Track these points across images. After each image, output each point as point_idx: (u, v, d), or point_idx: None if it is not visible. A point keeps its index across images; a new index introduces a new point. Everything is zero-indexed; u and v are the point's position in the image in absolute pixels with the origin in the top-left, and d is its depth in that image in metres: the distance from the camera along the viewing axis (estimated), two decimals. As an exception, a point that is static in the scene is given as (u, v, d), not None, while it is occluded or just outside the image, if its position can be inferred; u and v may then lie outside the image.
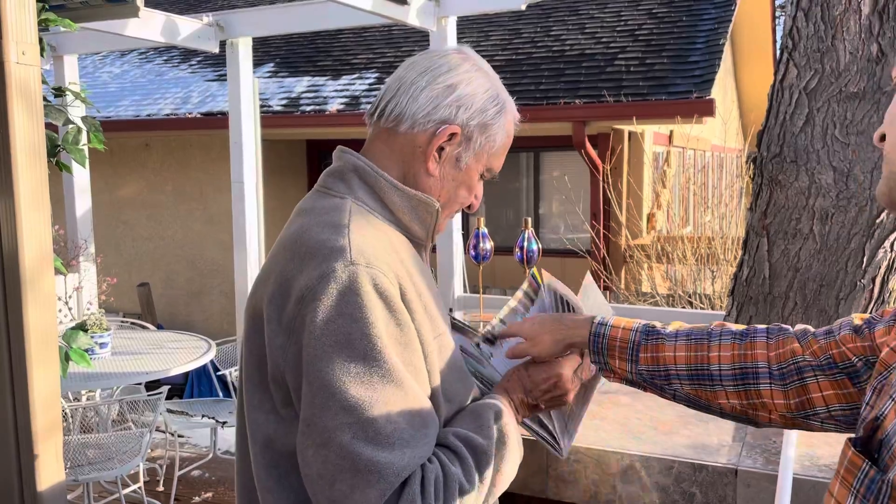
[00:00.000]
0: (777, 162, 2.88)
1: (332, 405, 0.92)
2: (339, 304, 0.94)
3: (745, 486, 1.26)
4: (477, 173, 1.13)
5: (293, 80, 8.07)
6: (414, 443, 0.94)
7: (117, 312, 6.88)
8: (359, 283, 0.95)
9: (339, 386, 0.92)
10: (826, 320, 2.82)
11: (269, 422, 1.01)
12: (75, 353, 1.97)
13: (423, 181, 1.10)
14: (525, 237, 3.91)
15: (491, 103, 1.11)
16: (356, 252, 0.97)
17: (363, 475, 0.90)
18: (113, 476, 3.34)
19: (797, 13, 2.86)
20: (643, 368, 1.08)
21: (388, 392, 0.93)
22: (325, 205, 1.07)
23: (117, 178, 8.53)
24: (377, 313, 0.95)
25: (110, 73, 9.32)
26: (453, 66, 1.10)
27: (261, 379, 1.02)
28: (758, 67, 9.89)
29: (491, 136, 1.12)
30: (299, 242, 1.02)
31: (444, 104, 1.08)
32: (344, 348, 0.93)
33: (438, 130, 1.08)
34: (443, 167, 1.11)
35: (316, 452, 0.93)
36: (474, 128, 1.10)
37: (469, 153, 1.11)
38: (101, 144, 2.28)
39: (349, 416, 0.91)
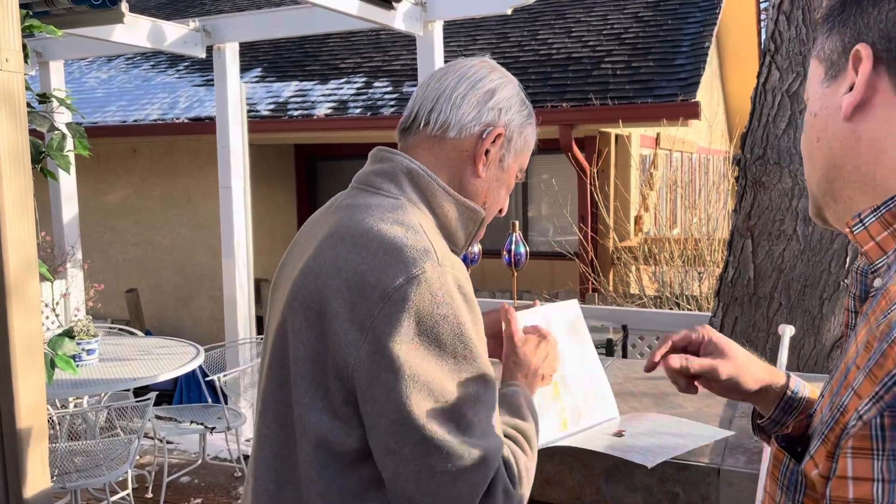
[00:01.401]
0: (760, 164, 2.91)
1: (429, 401, 0.95)
2: (431, 305, 0.97)
3: (727, 486, 1.27)
4: (514, 173, 1.19)
5: (281, 84, 8.07)
6: (495, 434, 1.00)
7: (105, 319, 6.84)
8: (448, 284, 0.99)
9: (434, 383, 0.96)
10: (810, 320, 2.85)
11: (323, 421, 0.99)
12: (61, 360, 1.96)
13: (470, 185, 1.14)
14: (513, 240, 3.92)
15: (523, 106, 1.18)
16: (441, 254, 1.01)
17: (464, 465, 0.95)
18: (101, 483, 3.33)
19: (779, 16, 2.89)
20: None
21: (475, 388, 0.98)
22: (384, 203, 1.07)
23: (104, 183, 8.49)
24: (463, 314, 0.99)
25: (97, 78, 9.28)
26: (486, 74, 1.16)
27: (314, 377, 1.00)
28: (743, 70, 9.97)
29: (526, 136, 1.18)
30: (368, 237, 1.00)
31: (487, 108, 1.13)
32: (437, 346, 0.97)
33: (485, 133, 1.12)
34: (489, 169, 1.15)
35: (414, 449, 0.95)
36: (514, 129, 1.16)
37: (511, 154, 1.16)
38: (87, 151, 2.27)
39: (446, 412, 0.96)
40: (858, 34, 0.68)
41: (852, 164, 0.69)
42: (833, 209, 0.73)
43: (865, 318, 0.63)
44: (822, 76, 0.72)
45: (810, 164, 0.75)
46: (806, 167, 0.77)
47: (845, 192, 0.71)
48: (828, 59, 0.72)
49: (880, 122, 0.66)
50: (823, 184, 0.73)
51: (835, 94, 0.70)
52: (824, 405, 0.63)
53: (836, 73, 0.70)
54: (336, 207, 1.11)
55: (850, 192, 0.70)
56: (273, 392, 1.05)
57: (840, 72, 0.70)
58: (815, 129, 0.73)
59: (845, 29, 0.69)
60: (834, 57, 0.71)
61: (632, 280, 6.42)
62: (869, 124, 0.67)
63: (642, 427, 1.39)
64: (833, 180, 0.72)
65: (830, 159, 0.71)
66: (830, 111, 0.70)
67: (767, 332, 2.88)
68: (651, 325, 4.21)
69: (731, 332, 2.97)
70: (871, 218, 0.66)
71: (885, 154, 0.66)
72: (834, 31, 0.71)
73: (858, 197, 0.69)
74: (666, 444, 1.30)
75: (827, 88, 0.71)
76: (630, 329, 3.99)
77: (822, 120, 0.72)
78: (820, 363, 2.85)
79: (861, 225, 0.67)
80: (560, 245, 6.80)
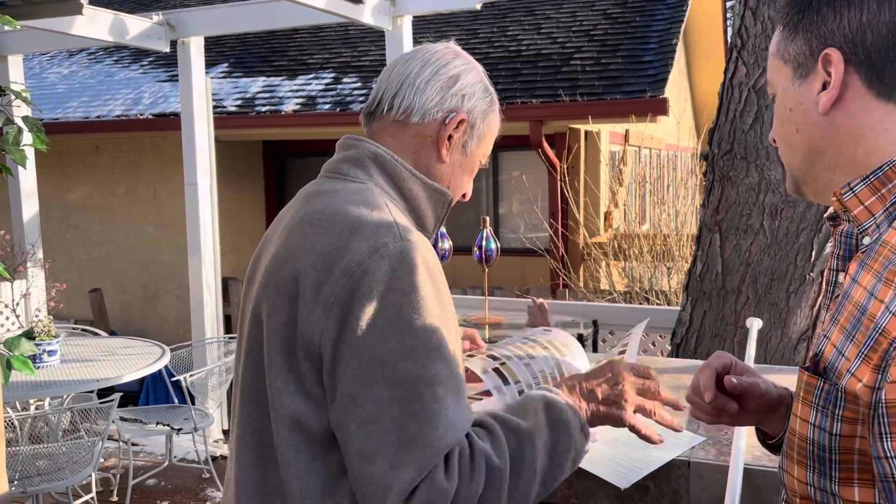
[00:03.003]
0: (728, 159, 2.94)
1: (382, 379, 0.92)
2: (392, 279, 0.95)
3: (697, 478, 1.27)
4: (478, 159, 1.19)
5: (248, 80, 7.97)
6: (455, 422, 0.93)
7: (68, 319, 6.69)
8: (411, 258, 0.96)
9: (390, 360, 0.92)
10: (777, 313, 2.88)
11: (298, 403, 0.99)
12: (17, 361, 1.90)
13: (434, 169, 1.14)
14: (483, 236, 3.91)
15: (486, 93, 1.18)
16: (403, 229, 1.00)
17: (405, 452, 0.90)
18: (64, 487, 3.25)
19: (745, 12, 2.91)
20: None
21: (437, 368, 0.93)
22: (350, 187, 1.08)
23: (66, 181, 8.31)
24: (427, 289, 0.96)
25: (58, 73, 9.08)
26: (450, 60, 1.16)
27: (286, 360, 0.99)
28: (710, 67, 10.09)
29: (490, 122, 1.18)
30: (335, 219, 1.01)
31: (450, 94, 1.13)
32: (396, 322, 0.94)
33: (448, 119, 1.13)
34: (452, 155, 1.15)
35: (360, 427, 0.92)
36: (478, 115, 1.16)
37: (474, 140, 1.17)
38: (44, 145, 2.21)
39: (399, 390, 0.92)
40: (824, 39, 0.80)
41: (833, 150, 0.81)
42: (812, 186, 0.86)
43: (865, 267, 0.75)
44: (790, 76, 0.84)
45: (789, 151, 0.86)
46: (784, 153, 0.88)
47: (826, 172, 0.83)
48: (794, 60, 0.83)
49: (855, 112, 0.79)
50: (804, 167, 0.85)
51: (808, 92, 0.82)
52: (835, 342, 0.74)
53: (805, 73, 0.82)
54: (305, 195, 1.12)
55: (831, 172, 0.82)
56: (251, 380, 1.05)
57: (809, 72, 0.82)
58: (792, 123, 0.84)
59: (810, 35, 0.81)
60: (801, 59, 0.82)
61: (602, 276, 6.46)
62: (845, 115, 0.79)
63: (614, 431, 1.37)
64: (814, 163, 0.84)
65: (811, 146, 0.83)
66: (807, 106, 0.82)
67: (735, 325, 2.91)
68: (621, 320, 4.23)
69: (700, 326, 3.00)
70: (860, 186, 0.78)
71: (865, 139, 0.79)
72: (797, 35, 0.82)
73: (837, 177, 0.82)
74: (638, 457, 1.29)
75: (799, 87, 0.83)
76: (600, 324, 4.01)
77: (799, 115, 0.83)
78: (787, 356, 2.88)
79: (850, 192, 0.79)
80: (531, 241, 6.82)
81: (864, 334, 0.70)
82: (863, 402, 0.69)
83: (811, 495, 0.76)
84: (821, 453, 0.73)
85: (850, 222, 0.82)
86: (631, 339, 1.31)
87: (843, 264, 0.83)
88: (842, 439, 0.71)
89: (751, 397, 1.00)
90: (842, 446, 0.71)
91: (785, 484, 0.81)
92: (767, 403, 1.01)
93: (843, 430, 0.71)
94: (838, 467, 0.72)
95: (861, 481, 0.71)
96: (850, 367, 0.71)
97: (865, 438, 0.69)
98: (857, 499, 0.71)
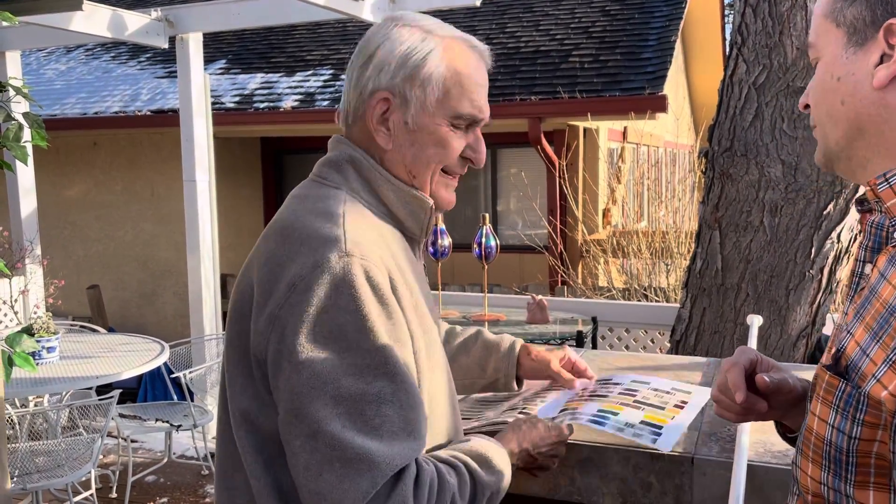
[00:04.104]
0: (728, 156, 2.94)
1: (323, 395, 0.90)
2: (333, 295, 0.92)
3: (701, 474, 1.27)
4: (441, 127, 1.06)
5: (246, 76, 7.95)
6: (405, 436, 0.92)
7: (66, 316, 6.68)
8: (353, 275, 0.93)
9: (330, 376, 0.90)
10: (777, 310, 2.88)
11: (254, 407, 0.99)
12: (19, 357, 1.90)
13: (387, 162, 1.07)
14: (483, 233, 3.91)
15: (413, 52, 1.05)
16: (351, 243, 0.96)
17: (353, 465, 0.89)
18: (63, 483, 3.25)
19: (745, 9, 2.91)
20: None
21: (379, 384, 0.91)
22: (320, 193, 1.05)
23: (64, 178, 8.29)
24: (370, 306, 0.93)
25: (56, 70, 9.05)
26: (374, 33, 1.07)
27: (242, 364, 1.00)
28: (708, 65, 10.09)
29: (427, 83, 1.04)
30: (291, 228, 1.00)
31: (367, 75, 1.05)
32: (337, 339, 0.92)
33: (369, 104, 1.05)
34: (395, 138, 1.06)
35: (304, 443, 0.91)
36: (402, 85, 1.04)
37: (413, 112, 1.05)
38: (44, 141, 2.20)
39: (340, 407, 0.90)
40: (891, 8, 0.73)
41: (878, 129, 0.76)
42: (845, 164, 0.81)
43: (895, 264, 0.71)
44: (843, 41, 0.78)
45: (829, 122, 0.81)
46: (822, 123, 0.82)
47: (863, 152, 0.78)
48: (850, 24, 0.76)
49: None
50: (843, 142, 0.80)
51: (863, 62, 0.76)
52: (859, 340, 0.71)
53: (861, 41, 0.76)
54: (288, 198, 1.12)
55: (869, 153, 0.78)
56: (222, 381, 1.08)
57: (867, 41, 0.75)
58: (838, 94, 0.78)
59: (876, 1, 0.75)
60: (859, 25, 0.76)
61: (600, 272, 6.46)
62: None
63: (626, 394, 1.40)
64: (854, 140, 0.79)
65: (856, 122, 0.77)
66: (859, 78, 0.76)
67: (735, 322, 2.91)
68: (620, 316, 4.24)
69: (700, 323, 3.00)
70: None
71: None
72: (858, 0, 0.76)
73: (876, 159, 0.77)
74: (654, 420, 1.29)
75: (853, 55, 0.77)
76: (599, 321, 4.01)
77: (848, 86, 0.77)
78: (786, 352, 2.89)
79: (886, 183, 0.75)
80: (530, 238, 6.82)
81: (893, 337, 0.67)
82: (886, 410, 0.66)
83: (824, 494, 0.74)
84: (837, 455, 0.71)
85: (881, 213, 0.78)
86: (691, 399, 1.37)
87: (872, 256, 0.78)
88: (860, 443, 0.69)
89: (779, 394, 0.96)
90: (860, 450, 0.70)
91: (798, 480, 0.79)
92: (794, 399, 0.97)
93: (863, 433, 0.69)
94: (854, 470, 0.70)
95: (877, 485, 0.69)
96: (875, 372, 0.68)
97: (885, 444, 0.68)
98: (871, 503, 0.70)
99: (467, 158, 1.11)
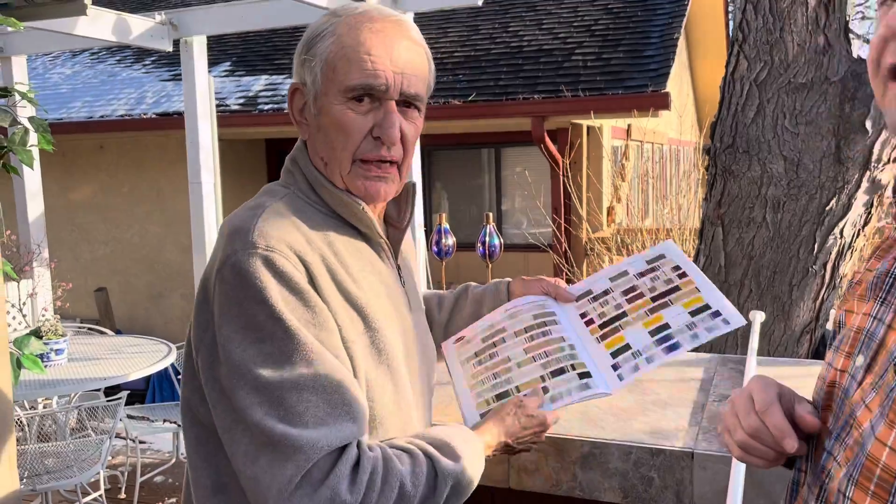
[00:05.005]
0: (730, 153, 2.94)
1: (244, 385, 0.92)
2: (241, 287, 0.93)
3: (701, 469, 1.28)
4: (336, 105, 1.02)
5: (250, 78, 7.98)
6: (332, 421, 0.92)
7: (74, 318, 6.72)
8: (255, 266, 0.94)
9: (247, 367, 0.92)
10: (780, 306, 2.88)
11: (196, 401, 1.02)
12: (27, 360, 1.92)
13: (310, 153, 1.08)
14: (486, 232, 3.92)
15: (311, 36, 1.04)
16: (257, 234, 0.96)
17: (279, 450, 0.89)
18: (72, 484, 3.27)
19: (746, 6, 2.91)
20: None
21: (297, 371, 0.92)
22: (265, 189, 1.08)
23: (71, 181, 8.34)
24: (276, 294, 0.93)
25: (62, 74, 9.10)
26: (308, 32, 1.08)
27: (189, 360, 1.04)
28: (712, 61, 10.07)
29: (316, 63, 1.02)
30: (223, 225, 1.03)
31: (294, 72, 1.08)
32: (250, 330, 0.93)
33: (289, 97, 1.08)
34: (309, 126, 1.07)
35: (234, 432, 0.94)
36: (301, 70, 1.05)
37: (312, 96, 1.04)
38: (50, 145, 2.22)
39: (260, 396, 0.91)
40: None
41: None
42: None
43: None
44: None
45: None
46: None
47: None
48: None
49: None
50: None
51: None
52: None
53: None
54: None
55: None
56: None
57: None
58: None
59: None
60: None
61: (605, 270, 6.45)
62: None
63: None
64: None
65: None
66: None
67: (739, 318, 2.92)
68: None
69: (704, 320, 3.00)
70: None
71: None
72: None
73: None
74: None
75: None
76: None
77: None
78: (790, 348, 2.89)
79: None
80: (534, 237, 6.82)
81: None
82: None
83: None
84: None
85: None
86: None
87: None
88: None
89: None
90: None
91: None
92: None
93: None
94: None
95: None
96: None
97: None
98: None
99: (378, 138, 1.03)
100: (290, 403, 0.91)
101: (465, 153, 8.11)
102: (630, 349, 1.16)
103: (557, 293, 1.30)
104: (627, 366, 1.14)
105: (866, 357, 0.73)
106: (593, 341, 1.20)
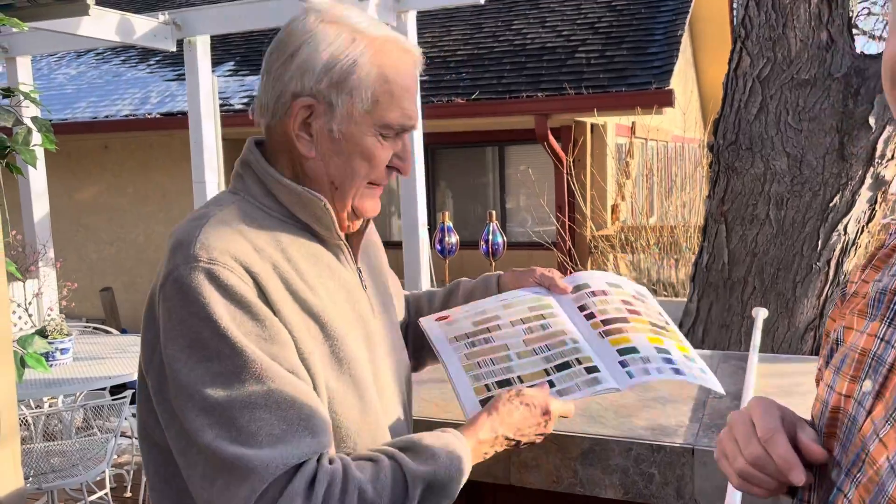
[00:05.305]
0: (733, 149, 2.94)
1: (192, 407, 0.88)
2: (184, 304, 0.90)
3: (702, 465, 1.29)
4: (368, 136, 0.99)
5: (254, 78, 7.99)
6: (288, 438, 0.88)
7: (80, 318, 6.74)
8: (198, 281, 0.89)
9: (195, 387, 0.88)
10: (784, 303, 2.88)
11: (150, 421, 0.98)
12: (31, 358, 1.93)
13: (307, 167, 1.01)
14: (490, 230, 3.93)
15: (341, 54, 0.97)
16: (199, 247, 0.92)
17: (233, 472, 0.86)
18: (78, 483, 3.29)
19: (749, 2, 2.91)
20: None
21: (248, 389, 0.88)
22: (212, 199, 1.04)
23: (76, 181, 8.37)
24: (221, 309, 0.89)
25: (66, 74, 9.14)
26: (295, 30, 0.99)
27: (141, 378, 1.00)
28: (717, 58, 10.03)
29: (355, 90, 0.97)
30: (169, 237, 0.99)
31: (288, 77, 0.97)
32: (195, 349, 0.89)
33: (291, 108, 0.98)
34: (320, 145, 0.99)
35: (188, 455, 0.91)
36: (328, 90, 0.97)
37: (338, 120, 0.98)
38: (53, 145, 2.23)
39: (210, 417, 0.87)
40: None
41: None
42: None
43: None
44: None
45: None
46: None
47: None
48: None
49: None
50: None
51: None
52: None
53: None
54: None
55: None
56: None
57: None
58: None
59: None
60: None
61: (609, 268, 6.45)
62: None
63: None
64: None
65: None
66: None
67: (742, 315, 2.91)
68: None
69: (707, 317, 3.00)
70: None
71: None
72: None
73: None
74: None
75: None
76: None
77: None
78: (794, 345, 2.89)
79: None
80: (538, 235, 6.82)
81: None
82: None
83: None
84: None
85: None
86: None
87: None
88: None
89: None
90: None
91: None
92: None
93: None
94: None
95: None
96: None
97: None
98: None
99: (393, 167, 1.04)
100: (242, 423, 0.87)
101: (469, 151, 8.11)
102: (638, 353, 1.12)
103: (552, 284, 1.26)
104: (637, 367, 1.11)
105: (874, 382, 0.70)
106: (597, 336, 1.16)
